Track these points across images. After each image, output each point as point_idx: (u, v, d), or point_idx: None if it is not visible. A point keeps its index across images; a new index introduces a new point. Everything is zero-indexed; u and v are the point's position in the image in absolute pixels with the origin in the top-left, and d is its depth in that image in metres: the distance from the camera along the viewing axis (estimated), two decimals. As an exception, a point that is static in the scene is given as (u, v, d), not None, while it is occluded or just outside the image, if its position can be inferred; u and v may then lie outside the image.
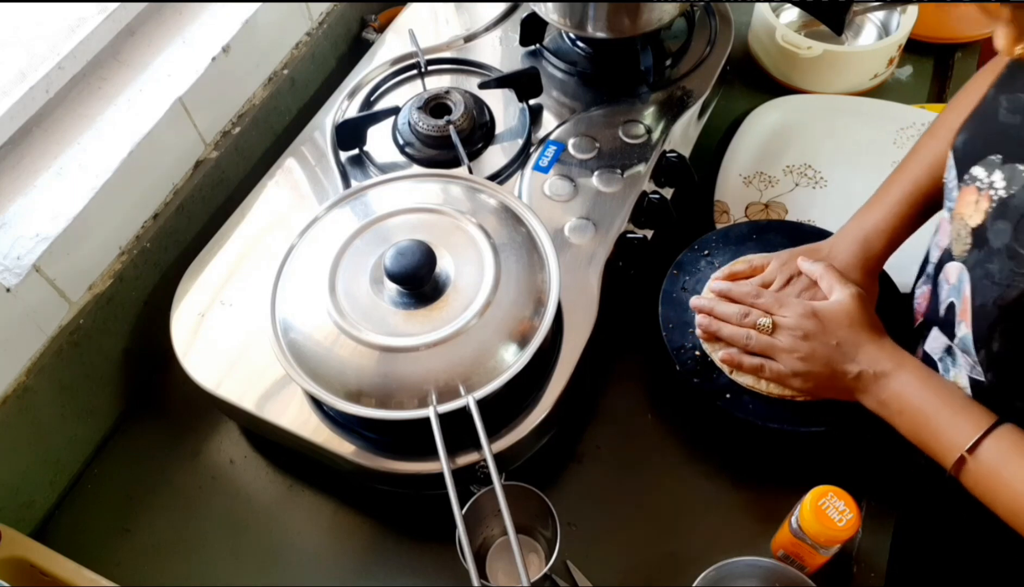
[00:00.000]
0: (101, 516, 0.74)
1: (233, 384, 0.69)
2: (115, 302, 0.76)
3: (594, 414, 0.77)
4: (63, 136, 0.75)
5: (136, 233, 0.79)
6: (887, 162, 0.93)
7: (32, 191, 0.72)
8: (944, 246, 0.64)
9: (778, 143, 0.95)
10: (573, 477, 0.74)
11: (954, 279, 0.61)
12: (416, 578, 0.69)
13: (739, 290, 0.72)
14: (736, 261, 0.76)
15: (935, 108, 0.97)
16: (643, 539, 0.70)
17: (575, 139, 0.83)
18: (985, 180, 0.57)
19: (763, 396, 0.70)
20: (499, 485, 0.58)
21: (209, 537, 0.72)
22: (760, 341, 0.69)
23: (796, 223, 0.82)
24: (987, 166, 0.57)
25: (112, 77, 0.79)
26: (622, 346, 0.80)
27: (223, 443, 0.78)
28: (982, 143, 0.58)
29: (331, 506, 0.73)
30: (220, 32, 0.84)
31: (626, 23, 0.85)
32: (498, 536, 0.69)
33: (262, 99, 0.89)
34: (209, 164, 0.84)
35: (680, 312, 0.76)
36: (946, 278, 0.63)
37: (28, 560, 0.66)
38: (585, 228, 0.76)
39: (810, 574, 0.64)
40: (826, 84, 0.99)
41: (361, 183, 0.75)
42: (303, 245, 0.70)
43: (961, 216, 0.59)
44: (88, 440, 0.77)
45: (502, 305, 0.64)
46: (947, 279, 0.63)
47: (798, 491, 0.63)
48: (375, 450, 0.65)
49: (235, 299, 0.74)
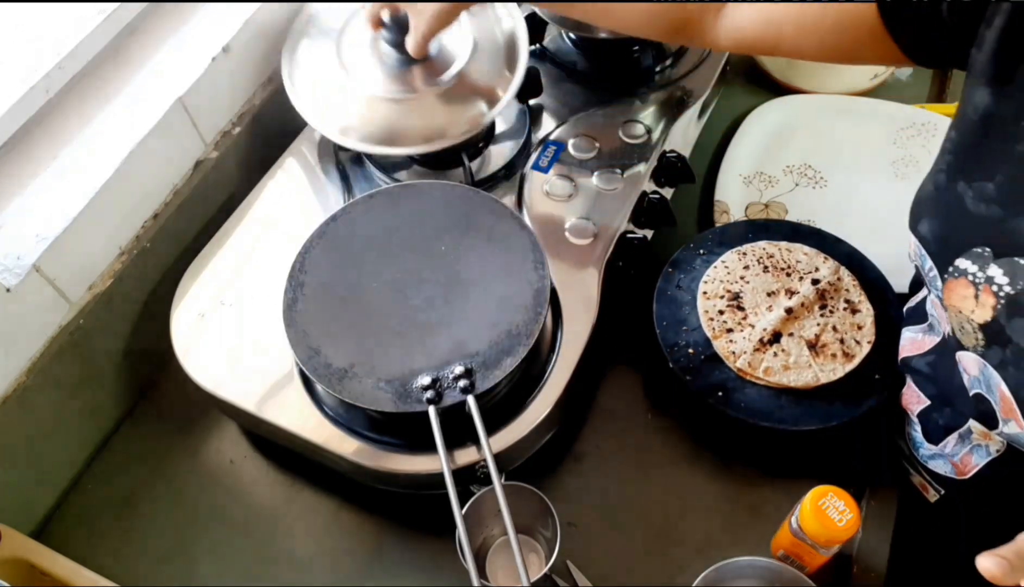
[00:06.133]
0: (101, 516, 0.74)
1: (233, 384, 0.69)
2: (115, 302, 0.76)
3: (594, 414, 0.77)
4: (63, 136, 0.75)
5: (136, 233, 0.79)
6: (887, 162, 0.93)
7: (32, 191, 0.71)
8: (945, 331, 0.61)
9: (778, 143, 0.95)
10: (573, 477, 0.74)
11: (975, 371, 0.58)
12: (416, 578, 0.69)
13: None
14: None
15: (935, 108, 0.97)
16: (643, 539, 0.70)
17: (575, 139, 0.83)
18: (979, 274, 0.52)
19: (757, 395, 0.70)
20: (499, 485, 0.58)
21: (209, 537, 0.72)
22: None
23: (793, 223, 0.82)
24: (975, 259, 0.52)
25: (112, 77, 0.79)
26: (622, 345, 0.80)
27: (223, 443, 0.78)
28: (956, 235, 0.54)
29: (331, 506, 0.73)
30: (220, 32, 0.83)
31: (626, 23, 0.85)
32: (498, 536, 0.69)
33: (262, 99, 0.89)
34: (209, 164, 0.84)
35: (675, 310, 0.76)
36: (964, 368, 0.60)
37: (28, 560, 0.66)
38: (585, 228, 0.76)
39: (810, 574, 0.64)
40: (826, 84, 0.99)
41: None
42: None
43: (957, 309, 0.55)
44: (88, 440, 0.77)
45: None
46: (965, 369, 0.59)
47: (798, 491, 0.63)
48: (375, 450, 0.65)
49: (235, 299, 0.74)
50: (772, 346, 0.72)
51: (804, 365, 0.71)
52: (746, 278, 0.76)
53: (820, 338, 0.72)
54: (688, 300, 0.77)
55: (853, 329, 0.73)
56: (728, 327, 0.73)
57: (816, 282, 0.75)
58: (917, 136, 0.94)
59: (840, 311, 0.74)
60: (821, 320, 0.73)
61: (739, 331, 0.73)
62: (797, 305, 0.74)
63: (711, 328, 0.74)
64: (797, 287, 0.75)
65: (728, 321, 0.74)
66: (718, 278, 0.77)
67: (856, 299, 0.75)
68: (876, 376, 0.71)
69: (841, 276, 0.76)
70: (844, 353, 0.71)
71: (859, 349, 0.72)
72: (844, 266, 0.77)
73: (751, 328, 0.73)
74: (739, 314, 0.74)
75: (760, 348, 0.72)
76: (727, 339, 0.73)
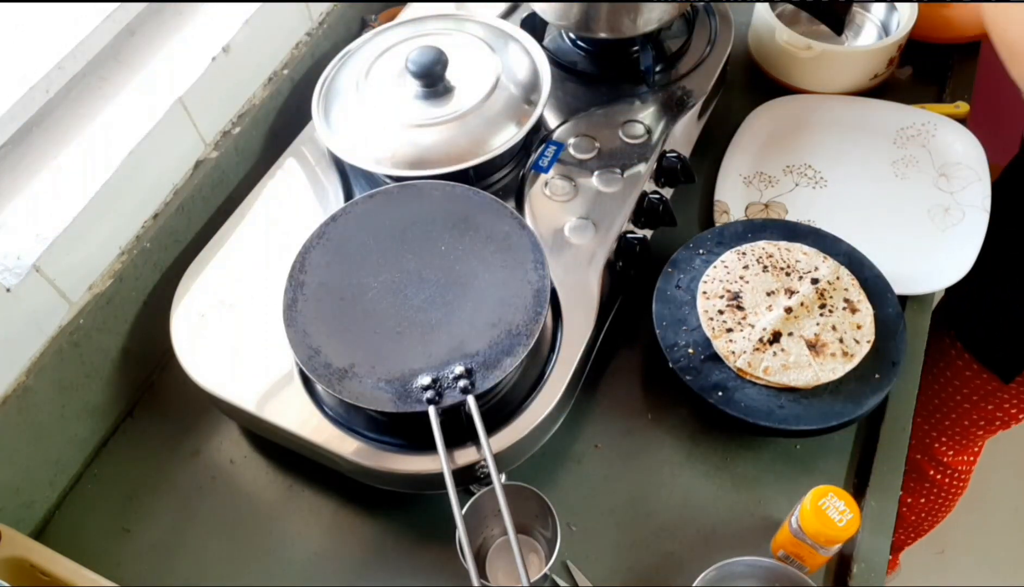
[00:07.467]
0: (101, 516, 0.74)
1: (233, 384, 0.69)
2: (115, 302, 0.76)
3: (594, 414, 0.77)
4: (63, 136, 0.75)
5: (136, 233, 0.79)
6: (887, 162, 0.93)
7: (32, 191, 0.72)
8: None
9: (778, 143, 0.95)
10: (573, 477, 0.74)
11: None
12: (416, 578, 0.69)
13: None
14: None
15: (935, 108, 0.97)
16: (643, 539, 0.70)
17: (575, 139, 0.83)
18: None
19: (757, 395, 0.70)
20: (499, 485, 0.58)
21: (209, 537, 0.72)
22: None
23: (792, 222, 0.82)
24: None
25: (112, 77, 0.79)
26: (622, 345, 0.80)
27: (223, 443, 0.78)
28: None
29: (331, 506, 0.73)
30: (220, 32, 0.84)
31: (626, 23, 0.85)
32: (498, 536, 0.69)
33: (262, 99, 0.89)
34: (209, 164, 0.84)
35: (674, 309, 0.76)
36: None
37: (28, 560, 0.66)
38: (585, 228, 0.76)
39: (810, 574, 0.64)
40: (826, 84, 0.99)
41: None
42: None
43: None
44: (88, 440, 0.77)
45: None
46: None
47: (798, 491, 0.63)
48: (375, 450, 0.65)
49: (235, 299, 0.74)
50: (772, 346, 0.72)
51: (804, 365, 0.71)
52: (746, 278, 0.77)
53: (820, 338, 0.72)
54: (688, 300, 0.77)
55: (853, 328, 0.73)
56: (728, 327, 0.74)
57: (816, 282, 0.75)
58: (917, 136, 0.94)
59: (840, 310, 0.74)
60: (821, 319, 0.73)
61: (739, 331, 0.73)
62: (797, 305, 0.74)
63: (711, 328, 0.74)
64: (797, 287, 0.76)
65: (728, 321, 0.74)
66: (718, 278, 0.77)
67: (856, 298, 0.75)
68: (876, 376, 0.71)
69: (840, 275, 0.76)
70: (844, 352, 0.71)
71: (859, 348, 0.72)
72: (844, 265, 0.77)
73: (751, 328, 0.73)
74: (739, 314, 0.74)
75: (760, 348, 0.72)
76: (727, 339, 0.73)
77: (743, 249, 0.78)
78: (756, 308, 0.74)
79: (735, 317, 0.74)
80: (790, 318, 0.73)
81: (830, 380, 0.70)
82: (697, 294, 0.76)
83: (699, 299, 0.76)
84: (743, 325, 0.73)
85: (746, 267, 0.77)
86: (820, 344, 0.72)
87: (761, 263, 0.77)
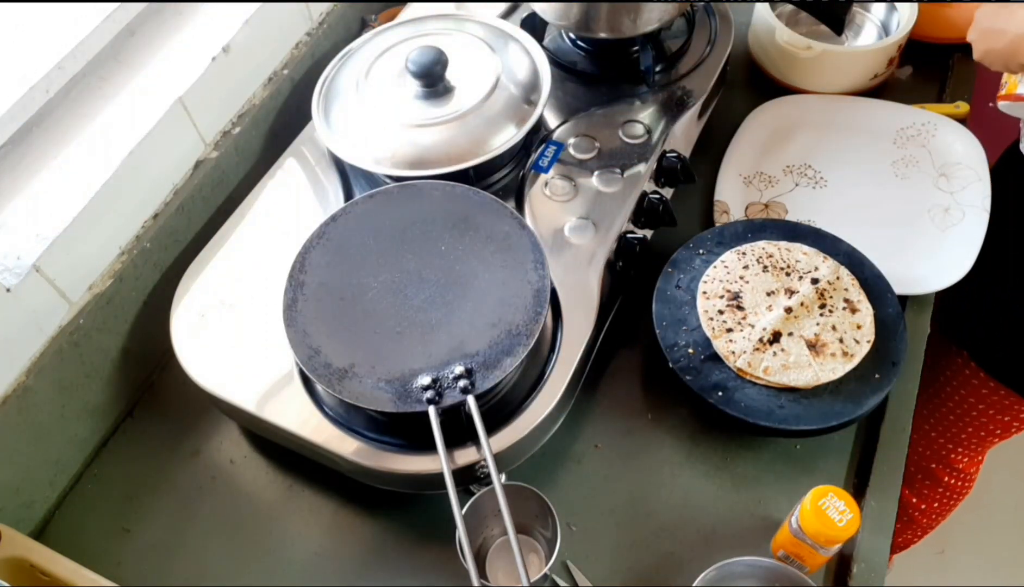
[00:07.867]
0: (101, 516, 0.74)
1: (233, 384, 0.69)
2: (115, 302, 0.76)
3: (594, 414, 0.77)
4: (63, 136, 0.75)
5: (136, 233, 0.79)
6: (887, 162, 0.93)
7: (32, 191, 0.72)
8: None
9: (778, 143, 0.95)
10: (573, 477, 0.74)
11: None
12: (416, 578, 0.69)
13: None
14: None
15: (935, 108, 0.97)
16: (643, 539, 0.70)
17: (575, 139, 0.83)
18: None
19: (757, 395, 0.70)
20: (499, 485, 0.58)
21: (209, 537, 0.72)
22: None
23: (792, 222, 0.82)
24: None
25: (112, 77, 0.79)
26: (622, 345, 0.80)
27: (223, 443, 0.78)
28: None
29: (331, 506, 0.73)
30: (220, 32, 0.84)
31: (626, 23, 0.85)
32: (498, 536, 0.69)
33: (262, 99, 0.89)
34: (209, 164, 0.84)
35: (674, 309, 0.76)
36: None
37: (28, 560, 0.66)
38: (585, 228, 0.76)
39: (810, 574, 0.64)
40: (826, 84, 0.99)
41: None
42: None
43: None
44: (88, 440, 0.77)
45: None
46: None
47: (798, 491, 0.63)
48: (375, 450, 0.65)
49: (235, 299, 0.74)
50: (772, 346, 0.72)
51: (804, 365, 0.71)
52: (745, 278, 0.77)
53: (820, 337, 0.72)
54: (688, 300, 0.77)
55: (853, 328, 0.73)
56: (728, 327, 0.74)
57: (815, 281, 0.75)
58: (917, 136, 0.94)
59: (839, 310, 0.74)
60: (821, 319, 0.73)
61: (739, 331, 0.73)
62: (797, 305, 0.74)
63: (711, 328, 0.74)
64: (796, 286, 0.76)
65: (728, 321, 0.74)
66: (717, 278, 0.77)
67: (855, 298, 0.75)
68: (876, 376, 0.71)
69: (840, 275, 0.76)
70: (844, 352, 0.71)
71: (859, 348, 0.72)
72: (843, 265, 0.77)
73: (751, 328, 0.73)
74: (739, 314, 0.74)
75: (760, 348, 0.72)
76: (727, 339, 0.73)
77: (743, 249, 0.78)
78: (756, 308, 0.74)
79: (735, 317, 0.74)
80: (790, 318, 0.73)
81: (830, 380, 0.70)
82: (697, 294, 0.76)
83: (699, 299, 0.76)
84: (743, 325, 0.73)
85: (746, 267, 0.77)
86: (820, 344, 0.72)
87: (761, 263, 0.77)
